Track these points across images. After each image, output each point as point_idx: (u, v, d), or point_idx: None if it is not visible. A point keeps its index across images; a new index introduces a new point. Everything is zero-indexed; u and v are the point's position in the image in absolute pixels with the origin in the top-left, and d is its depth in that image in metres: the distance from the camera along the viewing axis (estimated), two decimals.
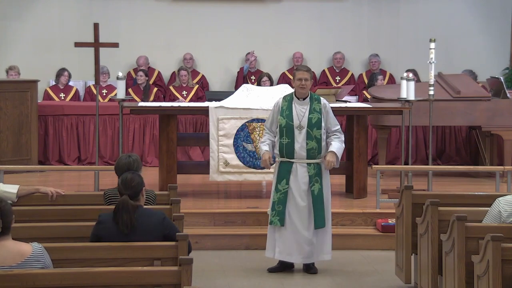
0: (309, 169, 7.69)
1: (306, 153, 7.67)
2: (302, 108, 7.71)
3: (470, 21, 14.07)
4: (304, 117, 7.68)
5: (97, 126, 10.09)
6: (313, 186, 7.67)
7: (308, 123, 7.66)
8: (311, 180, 7.68)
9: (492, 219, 5.93)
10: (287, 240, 7.70)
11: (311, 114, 7.68)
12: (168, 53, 13.82)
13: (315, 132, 7.66)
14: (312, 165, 7.70)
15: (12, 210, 4.76)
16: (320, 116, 7.68)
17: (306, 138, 7.65)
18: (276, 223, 7.69)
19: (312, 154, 7.68)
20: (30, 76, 12.14)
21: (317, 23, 13.99)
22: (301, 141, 7.67)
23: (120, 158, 6.44)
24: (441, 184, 10.36)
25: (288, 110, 7.72)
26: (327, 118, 7.73)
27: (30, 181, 10.26)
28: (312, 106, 7.71)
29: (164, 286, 4.74)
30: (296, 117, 7.69)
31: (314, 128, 7.66)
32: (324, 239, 7.78)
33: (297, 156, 7.68)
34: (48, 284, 4.61)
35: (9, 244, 4.71)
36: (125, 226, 5.33)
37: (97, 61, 9.85)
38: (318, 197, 7.67)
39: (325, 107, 7.75)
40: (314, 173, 7.68)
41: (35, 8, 13.60)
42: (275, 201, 7.72)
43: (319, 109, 7.69)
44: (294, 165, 7.70)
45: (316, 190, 7.67)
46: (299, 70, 7.75)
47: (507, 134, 10.95)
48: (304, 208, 7.69)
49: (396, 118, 10.50)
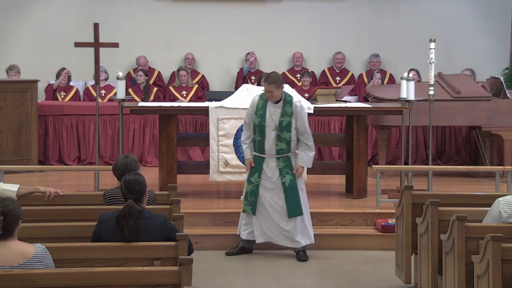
0: (279, 163, 8.12)
1: (276, 152, 8.11)
2: (276, 110, 8.07)
3: (470, 21, 14.08)
4: (276, 120, 8.04)
5: (97, 126, 10.09)
6: (284, 178, 8.10)
7: (279, 126, 8.02)
8: (282, 172, 8.11)
9: (492, 220, 5.93)
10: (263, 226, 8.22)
11: (282, 117, 8.04)
12: (168, 53, 13.82)
13: (285, 135, 8.04)
14: (282, 159, 8.13)
15: (20, 213, 4.75)
16: (290, 119, 8.03)
17: (276, 139, 8.05)
18: (248, 212, 8.23)
19: (281, 152, 8.12)
20: (30, 76, 12.14)
21: (317, 23, 13.99)
22: (271, 141, 8.08)
23: (117, 159, 6.45)
24: (441, 184, 10.36)
25: (262, 109, 8.10)
26: (297, 120, 8.07)
27: (30, 181, 10.25)
28: (284, 109, 8.04)
29: (164, 286, 4.74)
30: (270, 118, 8.07)
31: (284, 131, 8.04)
32: (303, 225, 8.19)
33: (268, 152, 8.13)
34: (48, 284, 4.61)
35: (12, 245, 4.71)
36: (131, 232, 5.32)
37: (97, 61, 9.85)
38: (289, 187, 8.10)
39: (296, 110, 8.06)
40: (284, 166, 8.10)
41: (35, 8, 13.60)
42: (248, 192, 8.21)
43: (290, 112, 8.04)
44: (266, 160, 8.14)
45: (287, 181, 8.09)
46: (264, 82, 8.14)
47: (507, 134, 10.95)
48: (277, 199, 8.14)
49: (396, 118, 10.50)
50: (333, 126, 12.15)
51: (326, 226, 9.03)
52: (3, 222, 4.66)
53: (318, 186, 10.56)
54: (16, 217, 4.72)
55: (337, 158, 12.15)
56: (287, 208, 8.11)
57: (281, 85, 8.06)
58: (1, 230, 4.66)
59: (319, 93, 10.41)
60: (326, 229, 8.97)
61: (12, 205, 4.72)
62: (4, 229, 4.67)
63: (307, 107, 9.49)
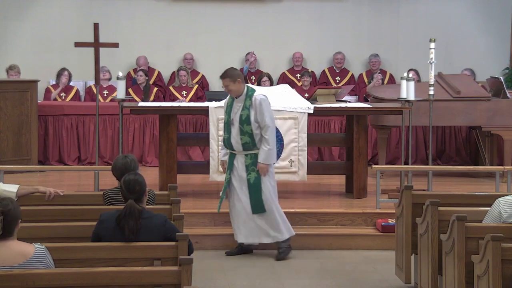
0: (246, 160, 8.21)
1: (242, 147, 8.18)
2: (238, 105, 8.21)
3: (470, 21, 14.08)
4: (237, 114, 8.17)
5: (97, 126, 10.09)
6: (249, 175, 8.20)
7: (239, 120, 8.13)
8: (248, 169, 8.20)
9: (492, 220, 5.93)
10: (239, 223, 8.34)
11: (243, 110, 8.16)
12: (168, 53, 13.82)
13: (245, 128, 8.13)
14: (249, 155, 8.21)
15: (20, 214, 4.76)
16: (249, 112, 8.11)
17: (239, 133, 8.15)
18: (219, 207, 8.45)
19: (247, 147, 8.18)
20: (30, 76, 12.14)
21: (317, 23, 13.99)
22: (235, 136, 8.20)
23: (116, 159, 6.45)
24: (441, 184, 10.36)
25: (229, 107, 8.30)
26: (256, 113, 8.12)
27: (30, 181, 10.25)
28: (245, 103, 8.16)
29: (164, 286, 4.74)
30: (234, 113, 8.21)
31: (244, 124, 8.13)
32: (270, 221, 8.24)
33: (236, 148, 8.24)
34: (48, 284, 4.61)
35: (12, 245, 4.71)
36: (132, 232, 5.32)
37: (97, 61, 9.85)
38: (253, 185, 8.19)
39: (255, 102, 8.13)
40: (251, 163, 8.19)
41: (35, 8, 13.60)
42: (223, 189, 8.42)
43: (249, 106, 8.13)
44: (236, 156, 8.26)
45: (252, 179, 8.19)
46: (221, 78, 8.28)
47: (507, 134, 10.95)
48: (243, 196, 8.25)
49: (396, 118, 10.50)
50: (333, 126, 12.15)
51: (326, 226, 9.03)
52: (3, 222, 4.66)
53: (318, 186, 10.57)
54: (16, 217, 4.72)
55: (337, 158, 12.16)
56: (251, 204, 8.21)
57: (237, 79, 8.14)
58: (1, 230, 4.66)
59: (319, 93, 10.41)
60: (326, 229, 8.97)
61: (11, 205, 4.72)
62: (4, 229, 4.67)
63: (307, 107, 9.50)
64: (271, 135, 8.14)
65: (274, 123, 8.23)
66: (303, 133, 9.46)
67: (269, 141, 8.12)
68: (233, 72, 8.23)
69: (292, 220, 8.99)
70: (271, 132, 8.13)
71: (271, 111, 8.25)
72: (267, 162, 8.17)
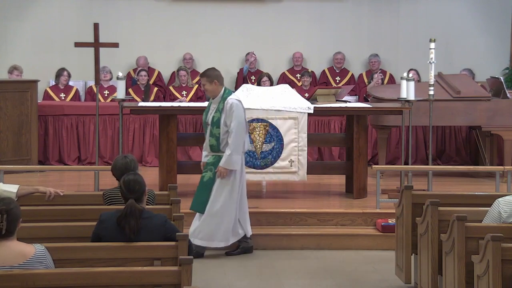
0: (210, 158, 8.26)
1: (210, 148, 8.26)
2: (213, 106, 8.23)
3: (470, 21, 14.07)
4: (211, 116, 8.21)
5: (97, 126, 10.09)
6: (205, 173, 8.22)
7: (211, 121, 8.17)
8: (206, 167, 8.24)
9: (492, 220, 5.93)
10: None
11: (215, 113, 8.18)
12: (168, 53, 13.82)
13: (214, 130, 8.16)
14: (213, 156, 8.24)
15: (20, 213, 4.76)
16: (220, 115, 8.10)
17: (209, 135, 8.19)
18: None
19: (213, 149, 8.22)
20: (30, 76, 12.14)
21: (317, 23, 13.99)
22: (208, 137, 8.22)
23: (116, 160, 6.46)
24: (441, 184, 10.36)
25: (208, 108, 8.36)
26: (226, 117, 8.10)
27: (30, 181, 10.25)
28: (218, 105, 8.17)
29: (164, 286, 4.74)
30: (209, 114, 8.25)
31: (214, 127, 8.16)
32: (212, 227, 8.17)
33: (206, 148, 8.32)
34: (48, 284, 4.61)
35: (12, 245, 4.70)
36: (132, 232, 5.31)
37: (97, 61, 9.85)
38: (205, 183, 8.17)
39: (226, 106, 8.12)
40: (211, 162, 8.21)
41: (35, 8, 13.60)
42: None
43: (221, 109, 8.13)
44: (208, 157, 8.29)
45: (206, 178, 8.19)
46: (199, 76, 8.30)
47: (507, 134, 10.95)
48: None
49: (396, 118, 10.50)
50: (333, 126, 12.15)
51: (326, 226, 9.03)
52: (6, 220, 4.66)
53: (318, 186, 10.57)
54: (17, 216, 4.72)
55: (337, 158, 12.16)
56: (193, 199, 8.16)
57: (214, 80, 8.14)
58: (4, 230, 4.65)
59: (319, 93, 10.41)
60: (326, 229, 8.97)
61: (13, 204, 4.73)
62: (6, 229, 4.67)
63: (307, 107, 9.50)
64: (235, 141, 8.02)
65: (242, 129, 8.08)
66: (303, 133, 9.46)
67: (232, 146, 8.02)
68: (212, 73, 8.22)
69: (292, 220, 9.02)
70: (235, 137, 8.02)
71: (242, 117, 8.12)
72: (227, 167, 8.07)
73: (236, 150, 8.05)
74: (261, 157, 9.42)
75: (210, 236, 8.17)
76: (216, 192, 8.13)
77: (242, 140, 8.11)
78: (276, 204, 9.42)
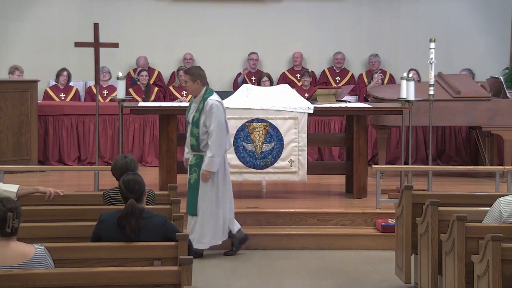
0: (192, 159, 8.22)
1: (191, 148, 8.22)
2: (194, 106, 8.21)
3: (470, 21, 14.07)
4: (191, 115, 8.19)
5: (97, 126, 10.09)
6: (190, 175, 8.18)
7: (191, 121, 8.14)
8: (191, 169, 8.19)
9: (493, 220, 5.93)
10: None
11: (195, 112, 8.17)
12: (168, 53, 13.81)
13: (194, 130, 8.14)
14: (195, 156, 8.19)
15: (21, 213, 4.76)
16: (199, 115, 8.08)
17: (190, 134, 8.17)
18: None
19: (193, 148, 8.18)
20: (30, 76, 12.14)
21: (317, 23, 13.98)
22: (188, 136, 8.20)
23: (116, 160, 6.46)
24: (441, 184, 10.36)
25: (189, 107, 8.34)
26: (206, 117, 8.07)
27: (30, 181, 10.25)
28: (199, 105, 8.15)
29: (164, 286, 4.74)
30: (190, 113, 8.24)
31: (194, 127, 8.13)
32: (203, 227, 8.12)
33: (188, 147, 8.30)
34: (48, 284, 4.61)
35: (12, 245, 4.70)
36: (133, 231, 5.32)
37: (97, 61, 9.85)
38: (192, 186, 8.16)
39: (206, 107, 8.09)
40: (194, 164, 8.17)
41: (35, 8, 13.60)
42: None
43: (201, 109, 8.11)
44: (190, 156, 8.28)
45: (192, 180, 8.16)
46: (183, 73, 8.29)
47: (507, 134, 10.95)
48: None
49: (396, 118, 10.50)
50: (333, 126, 12.15)
51: (326, 226, 9.03)
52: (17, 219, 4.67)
53: (318, 186, 10.57)
54: (21, 216, 4.73)
55: (337, 158, 12.16)
56: (186, 205, 8.13)
57: (196, 80, 8.15)
58: (12, 228, 4.65)
59: (319, 93, 10.41)
60: (326, 229, 8.97)
61: (16, 203, 4.75)
62: (12, 228, 4.68)
63: (307, 107, 9.50)
64: (216, 143, 7.99)
65: (222, 131, 8.05)
66: (303, 133, 9.46)
67: (213, 149, 7.99)
68: (196, 72, 8.24)
69: (292, 220, 9.01)
70: (216, 139, 7.99)
71: (222, 118, 8.09)
72: (209, 170, 8.04)
73: (218, 152, 8.01)
74: (261, 157, 9.43)
75: (200, 237, 8.13)
76: (201, 193, 8.11)
77: (223, 141, 8.07)
78: (276, 204, 9.42)
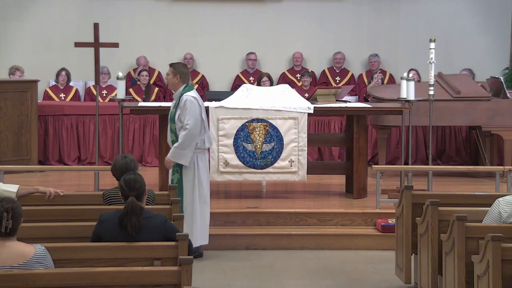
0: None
1: (172, 144, 8.13)
2: (173, 102, 8.25)
3: (470, 21, 14.07)
4: (170, 111, 8.24)
5: (97, 126, 10.09)
6: (173, 175, 8.17)
7: (169, 117, 8.20)
8: (173, 169, 8.16)
9: (492, 220, 5.93)
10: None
11: (173, 108, 8.21)
12: (168, 53, 13.79)
13: (172, 126, 8.18)
14: None
15: (21, 213, 4.76)
16: (175, 111, 8.12)
17: (169, 130, 8.20)
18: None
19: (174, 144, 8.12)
20: (30, 76, 12.14)
21: (317, 23, 13.98)
22: (169, 132, 8.23)
23: (116, 160, 6.46)
24: (441, 184, 10.36)
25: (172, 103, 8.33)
26: (181, 112, 8.08)
27: (30, 181, 10.25)
28: (176, 101, 8.18)
29: (164, 286, 4.74)
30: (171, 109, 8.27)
31: (171, 122, 8.17)
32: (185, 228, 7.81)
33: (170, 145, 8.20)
34: (48, 284, 4.61)
35: (12, 245, 4.71)
36: (134, 229, 5.32)
37: (97, 61, 9.85)
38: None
39: (181, 102, 8.11)
40: (176, 164, 8.11)
41: (35, 8, 13.60)
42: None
43: (177, 104, 8.15)
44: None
45: (175, 180, 8.13)
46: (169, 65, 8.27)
47: (507, 134, 10.95)
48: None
49: (396, 118, 10.50)
50: (333, 126, 12.15)
51: (326, 226, 9.03)
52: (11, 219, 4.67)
53: (318, 186, 10.57)
54: (20, 216, 4.74)
55: (337, 158, 12.16)
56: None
57: (177, 75, 8.14)
58: (9, 229, 4.65)
59: (319, 93, 10.41)
60: (326, 229, 8.97)
61: (16, 204, 4.75)
62: (12, 228, 4.68)
63: (307, 107, 9.50)
64: (185, 137, 7.98)
65: (197, 128, 8.03)
66: (303, 133, 9.46)
67: (181, 141, 8.00)
68: (179, 67, 8.24)
69: (292, 220, 9.01)
70: (187, 134, 7.98)
71: (198, 114, 8.07)
72: (171, 159, 8.07)
73: (183, 145, 8.00)
74: (261, 157, 9.43)
75: (191, 235, 8.07)
76: (185, 193, 8.09)
77: (195, 137, 8.04)
78: (276, 204, 9.42)
